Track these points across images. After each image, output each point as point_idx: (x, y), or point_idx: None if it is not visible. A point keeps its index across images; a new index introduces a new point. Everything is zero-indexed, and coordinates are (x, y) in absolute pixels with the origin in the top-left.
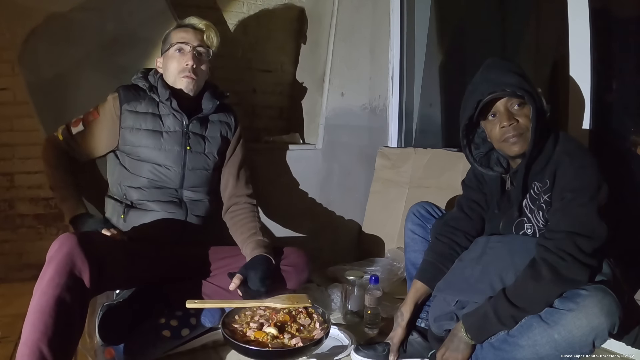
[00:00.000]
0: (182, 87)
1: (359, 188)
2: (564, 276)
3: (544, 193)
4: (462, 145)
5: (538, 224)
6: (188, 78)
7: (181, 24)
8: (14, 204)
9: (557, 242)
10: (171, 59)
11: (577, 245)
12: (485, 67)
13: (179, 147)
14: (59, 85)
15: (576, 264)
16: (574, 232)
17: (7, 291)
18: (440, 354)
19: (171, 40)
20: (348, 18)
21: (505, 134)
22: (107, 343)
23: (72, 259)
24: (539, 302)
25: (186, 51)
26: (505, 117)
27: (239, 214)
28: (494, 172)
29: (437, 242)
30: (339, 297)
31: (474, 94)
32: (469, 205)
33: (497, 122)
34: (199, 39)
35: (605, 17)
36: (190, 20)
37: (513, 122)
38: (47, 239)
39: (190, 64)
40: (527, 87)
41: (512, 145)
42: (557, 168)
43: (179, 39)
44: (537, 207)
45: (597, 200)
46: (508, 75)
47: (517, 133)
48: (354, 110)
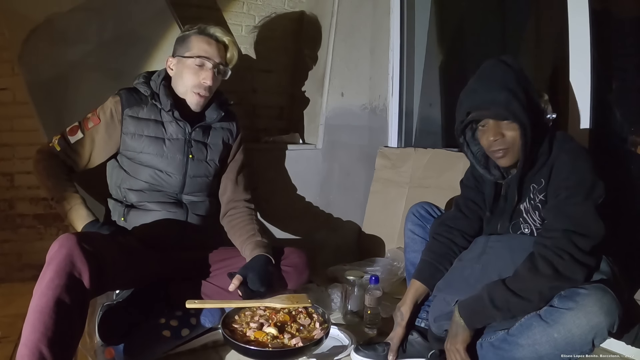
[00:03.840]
0: (191, 102)
1: (359, 188)
2: (561, 274)
3: (539, 192)
4: (459, 143)
5: (535, 223)
6: (200, 97)
7: (205, 32)
8: (14, 204)
9: (555, 240)
10: (188, 70)
11: (574, 244)
12: (479, 72)
13: (181, 155)
14: (59, 85)
15: (574, 262)
16: (571, 231)
17: (7, 291)
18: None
19: (192, 48)
20: (348, 18)
21: (492, 147)
22: (107, 343)
23: (72, 259)
24: (533, 294)
25: (207, 67)
26: (491, 131)
27: (236, 217)
28: (491, 175)
29: (434, 241)
30: (339, 297)
31: (463, 104)
32: (467, 204)
33: (486, 132)
34: (221, 55)
35: (605, 17)
36: (216, 32)
37: (498, 138)
38: (47, 239)
39: (208, 83)
40: (514, 105)
41: (499, 158)
42: (553, 167)
43: (202, 51)
44: (533, 207)
45: (592, 198)
46: (496, 92)
47: (504, 148)
48: (354, 110)
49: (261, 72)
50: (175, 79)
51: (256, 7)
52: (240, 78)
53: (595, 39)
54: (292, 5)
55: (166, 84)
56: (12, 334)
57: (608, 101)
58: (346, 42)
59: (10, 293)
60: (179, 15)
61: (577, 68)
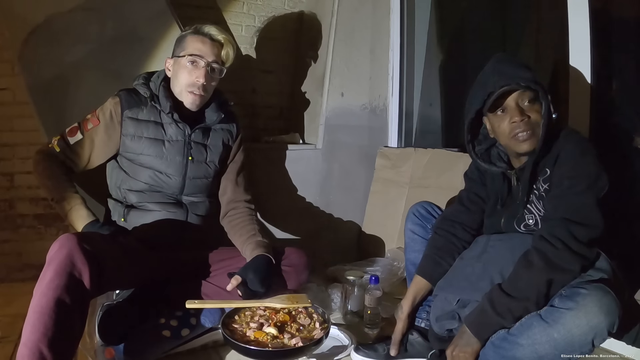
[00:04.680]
0: (187, 102)
1: (359, 188)
2: (553, 263)
3: (543, 182)
4: (466, 140)
5: (539, 213)
6: (194, 95)
7: (199, 31)
8: (14, 204)
9: (552, 228)
10: (182, 69)
11: (570, 232)
12: (496, 60)
13: (180, 156)
14: (59, 85)
15: (567, 251)
16: (569, 219)
17: (8, 291)
18: (450, 351)
19: (186, 47)
20: (348, 18)
21: (516, 130)
22: (107, 343)
23: (72, 260)
24: (530, 290)
25: (200, 65)
26: (517, 112)
27: (237, 218)
28: (498, 167)
29: (436, 236)
30: (339, 297)
31: (484, 86)
32: (470, 197)
33: (506, 117)
34: (215, 54)
35: (605, 17)
36: (210, 30)
37: (525, 118)
38: (47, 239)
39: (201, 81)
40: (539, 81)
41: (522, 142)
42: (558, 157)
43: (194, 49)
44: (538, 197)
45: (595, 189)
46: (521, 69)
47: (529, 129)
48: (354, 110)
49: (261, 72)
50: (172, 79)
51: (256, 7)
52: (240, 78)
53: (595, 39)
54: (292, 5)
55: (165, 85)
56: (12, 334)
57: (608, 101)
58: (346, 42)
59: (10, 293)
60: (179, 15)
61: (577, 68)
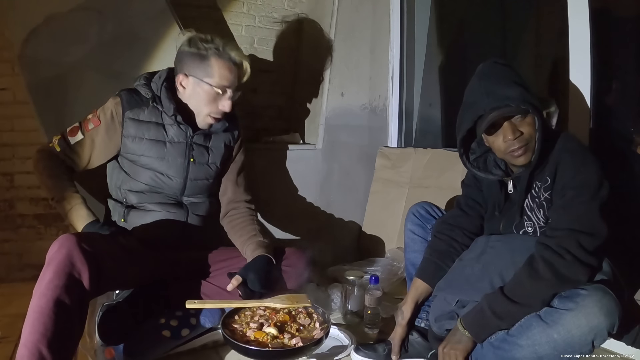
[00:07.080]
0: (203, 124)
1: (359, 188)
2: (562, 275)
3: (544, 191)
4: (460, 153)
5: (538, 222)
6: (215, 120)
7: (224, 56)
8: (14, 204)
9: (559, 239)
10: (207, 95)
11: (579, 243)
12: (482, 74)
13: (182, 158)
14: (59, 86)
15: (576, 262)
16: (576, 230)
17: (8, 291)
18: (442, 347)
19: (213, 75)
20: (348, 18)
21: (510, 147)
22: (107, 343)
23: (72, 260)
24: (535, 300)
25: (227, 96)
26: (509, 130)
27: (237, 218)
28: (494, 175)
29: (435, 239)
30: (339, 297)
31: (472, 107)
32: (468, 203)
33: (499, 136)
34: (238, 80)
35: (605, 17)
36: (232, 53)
37: (518, 135)
38: (47, 239)
39: (227, 110)
40: (529, 97)
41: (518, 157)
42: (558, 165)
43: (223, 79)
44: (537, 205)
45: (599, 198)
46: (510, 88)
47: (523, 145)
48: (354, 110)
49: (261, 72)
50: (188, 98)
51: (256, 7)
52: None
53: (595, 39)
54: (292, 5)
55: (168, 87)
56: (12, 334)
57: (608, 101)
58: (346, 42)
59: (10, 293)
60: (179, 15)
61: (577, 68)
